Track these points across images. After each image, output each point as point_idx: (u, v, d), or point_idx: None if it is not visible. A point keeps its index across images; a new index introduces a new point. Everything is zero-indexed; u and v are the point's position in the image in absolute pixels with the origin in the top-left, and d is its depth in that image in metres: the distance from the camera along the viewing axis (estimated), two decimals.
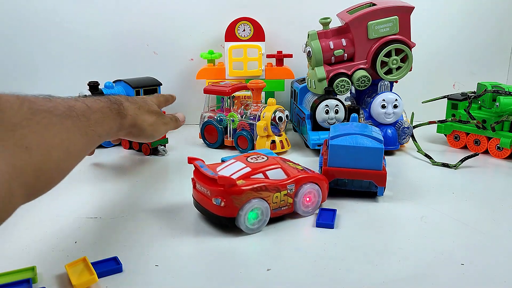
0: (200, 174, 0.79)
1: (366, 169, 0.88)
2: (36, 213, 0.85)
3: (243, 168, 0.78)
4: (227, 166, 0.81)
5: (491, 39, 1.50)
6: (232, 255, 0.70)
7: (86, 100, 0.70)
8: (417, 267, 0.67)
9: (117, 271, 0.65)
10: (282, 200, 0.79)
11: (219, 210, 0.75)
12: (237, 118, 1.21)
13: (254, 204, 0.75)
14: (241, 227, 0.75)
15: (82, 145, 0.66)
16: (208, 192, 0.76)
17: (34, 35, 1.44)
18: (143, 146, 1.22)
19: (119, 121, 0.76)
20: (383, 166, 0.89)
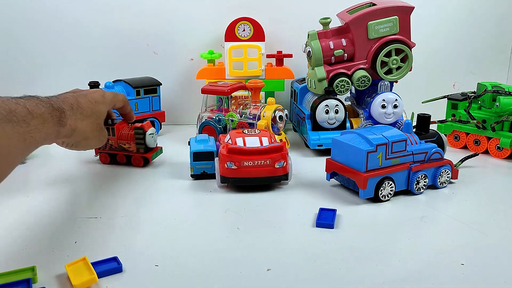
0: (247, 152, 0.92)
1: (352, 168, 0.89)
2: (36, 213, 0.85)
3: (258, 137, 0.97)
4: (246, 138, 0.97)
5: (491, 39, 1.50)
6: (232, 255, 0.70)
7: (28, 103, 0.68)
8: (417, 267, 0.67)
9: (117, 271, 0.65)
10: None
11: (281, 171, 0.94)
12: (237, 118, 1.21)
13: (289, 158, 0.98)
14: (290, 179, 0.98)
15: (20, 151, 0.66)
16: (268, 161, 0.93)
17: (34, 35, 1.44)
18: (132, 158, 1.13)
19: (57, 129, 0.75)
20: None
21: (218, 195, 0.93)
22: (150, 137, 1.08)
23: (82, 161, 1.19)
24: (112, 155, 1.12)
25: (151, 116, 1.37)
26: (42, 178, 1.05)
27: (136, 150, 1.09)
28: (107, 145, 1.10)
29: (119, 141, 1.09)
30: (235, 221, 0.81)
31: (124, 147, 1.09)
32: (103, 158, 1.13)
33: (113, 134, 1.09)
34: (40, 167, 1.12)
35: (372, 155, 0.87)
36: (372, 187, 0.88)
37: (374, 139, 0.88)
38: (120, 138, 1.09)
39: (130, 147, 1.09)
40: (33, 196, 0.94)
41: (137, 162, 1.10)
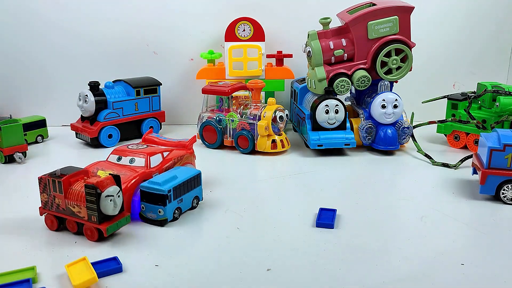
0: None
1: (481, 163, 0.91)
2: (36, 213, 0.85)
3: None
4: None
5: (491, 39, 1.50)
6: (232, 255, 0.70)
7: None
8: (417, 267, 0.67)
9: (117, 271, 0.65)
10: None
11: None
12: (237, 118, 1.21)
13: None
14: None
15: None
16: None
17: (34, 35, 1.44)
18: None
19: None
20: None
21: (218, 195, 0.93)
22: (107, 200, 0.72)
23: (82, 160, 1.19)
24: (61, 219, 0.78)
25: (151, 116, 1.37)
26: None
27: (87, 218, 0.74)
28: (53, 204, 0.77)
29: (67, 201, 0.75)
30: (235, 221, 0.81)
31: (73, 210, 0.75)
32: (49, 222, 0.78)
33: (59, 189, 0.75)
34: (40, 167, 1.12)
35: (498, 154, 0.86)
36: (493, 186, 0.88)
37: (506, 138, 0.87)
38: (68, 197, 0.75)
39: (81, 212, 0.74)
40: (33, 196, 0.94)
41: (89, 234, 0.75)
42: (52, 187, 0.76)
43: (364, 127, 1.19)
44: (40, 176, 0.77)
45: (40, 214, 0.79)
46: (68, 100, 1.41)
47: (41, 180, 0.77)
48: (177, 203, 0.81)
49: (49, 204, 0.77)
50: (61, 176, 0.75)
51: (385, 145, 1.19)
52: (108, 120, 1.27)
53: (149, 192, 0.79)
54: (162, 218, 0.79)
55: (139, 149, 0.90)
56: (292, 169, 1.10)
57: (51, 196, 0.77)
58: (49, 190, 0.76)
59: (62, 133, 1.40)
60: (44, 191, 0.77)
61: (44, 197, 0.77)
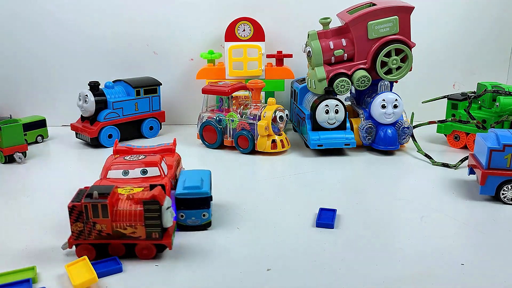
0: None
1: (479, 163, 0.91)
2: (36, 213, 0.85)
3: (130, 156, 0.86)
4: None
5: (491, 39, 1.50)
6: (232, 255, 0.70)
7: None
8: (417, 267, 0.67)
9: (117, 271, 0.65)
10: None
11: None
12: (237, 118, 1.21)
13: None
14: None
15: None
16: None
17: (34, 35, 1.44)
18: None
19: None
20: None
21: (218, 195, 0.93)
22: (167, 212, 0.68)
23: (82, 160, 1.19)
24: (101, 247, 0.69)
25: (151, 116, 1.37)
26: (42, 178, 1.05)
27: (145, 236, 0.69)
28: (91, 231, 0.68)
29: (115, 224, 0.68)
30: (235, 221, 0.81)
31: (123, 233, 0.68)
32: (84, 253, 0.68)
33: (103, 214, 0.67)
34: (40, 167, 1.12)
35: (498, 154, 0.86)
36: (493, 186, 0.88)
37: (505, 138, 0.87)
38: (117, 220, 0.68)
39: (136, 233, 0.68)
40: (33, 196, 0.94)
41: (145, 254, 0.69)
42: (92, 213, 0.66)
43: (364, 127, 1.19)
44: (71, 204, 0.66)
45: (70, 247, 0.68)
46: (68, 100, 1.41)
47: (73, 209, 0.66)
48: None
49: (85, 233, 0.67)
50: (102, 198, 0.67)
51: (385, 145, 1.19)
52: (108, 120, 1.27)
53: (189, 199, 0.75)
54: (207, 221, 0.78)
55: (141, 159, 0.83)
56: (292, 169, 1.10)
57: (89, 223, 0.67)
58: (87, 217, 0.67)
59: (62, 133, 1.40)
60: (77, 220, 0.67)
61: (78, 226, 0.67)
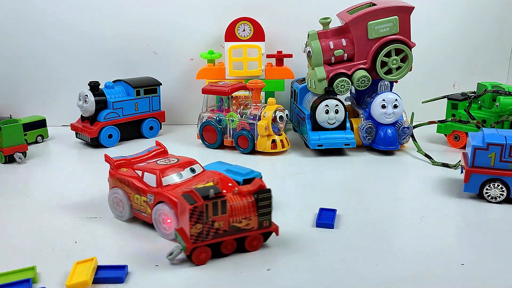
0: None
1: (466, 161, 0.93)
2: (36, 213, 0.85)
3: (150, 162, 0.83)
4: (160, 159, 0.85)
5: (491, 39, 1.50)
6: (232, 255, 0.70)
7: None
8: (417, 267, 0.67)
9: (117, 282, 0.63)
10: (142, 205, 0.78)
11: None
12: (237, 118, 1.21)
13: (115, 192, 0.82)
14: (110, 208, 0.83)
15: None
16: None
17: (34, 35, 1.44)
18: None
19: None
20: None
21: None
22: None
23: (82, 160, 1.19)
24: (215, 246, 0.69)
25: (151, 116, 1.37)
26: (42, 178, 1.05)
27: (258, 226, 0.71)
28: (209, 232, 0.68)
29: (232, 219, 0.69)
30: None
31: (238, 227, 0.69)
32: (202, 256, 0.68)
33: (222, 210, 0.68)
34: (40, 167, 1.12)
35: (482, 153, 0.87)
36: (477, 184, 0.89)
37: (489, 137, 0.88)
38: (234, 214, 0.69)
39: (250, 224, 0.70)
40: (33, 196, 0.94)
41: (254, 245, 0.71)
42: (212, 211, 0.67)
43: (364, 127, 1.19)
44: (191, 206, 0.65)
45: (187, 253, 0.66)
46: (68, 100, 1.41)
47: (195, 210, 0.65)
48: None
49: (203, 234, 0.67)
50: (219, 196, 0.67)
51: (385, 145, 1.19)
52: (108, 120, 1.27)
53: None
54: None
55: (173, 162, 0.81)
56: (292, 169, 1.10)
57: (208, 223, 0.67)
58: (206, 217, 0.66)
59: (62, 133, 1.40)
60: (198, 222, 0.66)
61: (198, 228, 0.66)
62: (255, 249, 0.71)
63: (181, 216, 0.68)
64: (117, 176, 0.81)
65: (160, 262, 0.68)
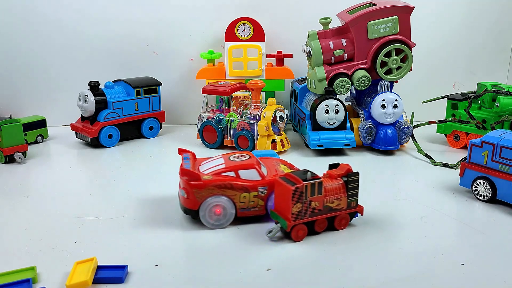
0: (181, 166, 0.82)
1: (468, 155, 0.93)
2: (36, 213, 0.85)
3: (220, 164, 0.81)
4: (210, 161, 0.85)
5: (491, 39, 1.50)
6: (232, 255, 0.70)
7: None
8: (417, 267, 0.67)
9: (117, 282, 0.63)
10: (251, 201, 0.79)
11: (184, 201, 0.78)
12: (237, 118, 1.21)
13: (216, 200, 0.77)
14: (202, 221, 0.78)
15: None
16: (180, 183, 0.80)
17: (34, 35, 1.44)
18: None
19: None
20: None
21: None
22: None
23: (82, 160, 1.19)
24: (309, 224, 0.75)
25: (151, 116, 1.37)
26: (42, 178, 1.05)
27: (346, 206, 0.78)
28: (307, 211, 0.74)
29: (326, 199, 0.75)
30: (235, 221, 0.81)
31: (330, 206, 0.76)
32: (300, 233, 0.74)
33: (319, 191, 0.74)
34: (40, 167, 1.12)
35: (477, 150, 0.89)
36: (469, 180, 0.90)
37: (488, 136, 0.88)
38: (328, 195, 0.75)
39: (340, 204, 0.77)
40: (33, 196, 0.94)
41: (343, 224, 0.78)
42: (311, 192, 0.72)
43: (364, 127, 1.19)
44: (294, 187, 0.70)
45: (288, 230, 0.72)
46: (68, 100, 1.41)
47: (296, 191, 0.71)
48: None
49: (302, 213, 0.73)
50: (316, 178, 0.74)
51: (385, 145, 1.19)
52: (108, 120, 1.27)
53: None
54: None
55: (245, 158, 0.83)
56: None
57: (306, 203, 0.73)
58: (305, 197, 0.72)
59: (62, 133, 1.40)
60: (298, 201, 0.72)
61: (298, 207, 0.72)
62: (343, 228, 0.78)
63: (281, 197, 0.74)
64: (214, 184, 0.77)
65: (160, 262, 0.68)
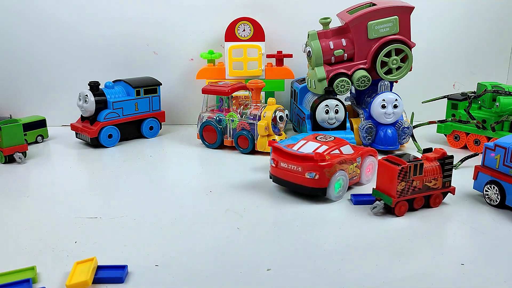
0: (284, 154, 0.92)
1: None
2: (36, 213, 0.85)
3: (320, 146, 0.93)
4: (303, 145, 0.94)
5: (491, 39, 1.50)
6: (232, 255, 0.70)
7: None
8: (417, 267, 0.67)
9: (117, 282, 0.64)
10: (353, 171, 0.94)
11: (313, 183, 0.87)
12: (237, 118, 1.21)
13: (339, 175, 0.89)
14: (330, 196, 0.89)
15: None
16: (300, 168, 0.88)
17: (34, 35, 1.44)
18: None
19: None
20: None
21: (218, 195, 0.94)
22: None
23: (82, 160, 1.19)
24: (410, 201, 0.85)
25: (151, 116, 1.37)
26: (42, 178, 1.05)
27: (441, 186, 0.87)
28: (409, 189, 0.83)
29: (425, 179, 0.85)
30: (235, 221, 0.81)
31: (428, 186, 0.86)
32: (402, 208, 0.83)
33: (420, 171, 0.84)
34: (40, 167, 1.12)
35: (490, 152, 0.88)
36: (482, 183, 0.90)
37: (502, 139, 0.88)
38: (426, 175, 0.85)
39: (437, 184, 0.87)
40: (33, 196, 0.94)
41: (437, 202, 0.87)
42: (413, 172, 0.83)
43: (364, 127, 1.19)
44: (400, 167, 0.80)
45: (393, 205, 0.82)
46: (68, 100, 1.41)
47: (402, 171, 0.81)
48: None
49: (405, 190, 0.83)
50: (417, 159, 0.83)
51: (385, 145, 1.19)
52: (108, 120, 1.27)
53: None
54: None
55: (328, 140, 0.97)
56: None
57: (409, 182, 0.83)
58: (409, 176, 0.82)
59: (62, 133, 1.40)
60: (402, 180, 0.82)
61: (402, 185, 0.82)
62: (436, 206, 0.87)
63: (385, 177, 0.84)
64: (337, 162, 0.89)
65: (160, 262, 0.68)
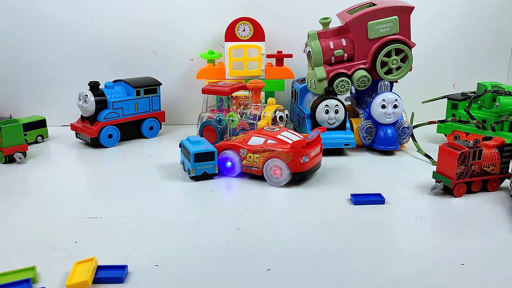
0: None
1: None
2: (36, 213, 0.85)
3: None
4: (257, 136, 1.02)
5: (490, 39, 1.50)
6: (232, 255, 0.70)
7: None
8: (417, 267, 0.67)
9: (118, 282, 0.64)
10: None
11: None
12: (237, 118, 1.21)
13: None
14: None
15: None
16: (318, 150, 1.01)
17: (34, 35, 1.44)
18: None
19: None
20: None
21: (218, 195, 0.94)
22: None
23: (82, 160, 1.19)
24: (468, 184, 0.93)
25: (151, 116, 1.37)
26: (42, 178, 1.05)
27: (499, 172, 0.94)
28: (468, 172, 0.92)
29: (483, 164, 0.92)
30: (235, 221, 0.81)
31: (486, 171, 0.93)
32: (461, 190, 0.92)
33: (478, 157, 0.91)
34: (40, 167, 1.12)
35: None
36: None
37: None
38: (485, 161, 0.92)
39: (494, 169, 0.94)
40: (33, 196, 0.94)
41: (494, 186, 0.95)
42: (472, 157, 0.90)
43: (364, 127, 1.19)
44: (460, 152, 0.89)
45: (452, 186, 0.90)
46: (68, 100, 1.41)
47: (461, 155, 0.89)
48: None
49: (464, 173, 0.91)
50: (477, 146, 0.91)
51: (385, 145, 1.19)
52: (108, 120, 1.27)
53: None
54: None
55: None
56: None
57: (468, 165, 0.90)
58: (468, 160, 0.90)
59: (62, 133, 1.40)
60: (462, 164, 0.90)
61: (461, 168, 0.90)
62: (494, 190, 0.94)
63: (446, 160, 0.92)
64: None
65: (160, 262, 0.68)
